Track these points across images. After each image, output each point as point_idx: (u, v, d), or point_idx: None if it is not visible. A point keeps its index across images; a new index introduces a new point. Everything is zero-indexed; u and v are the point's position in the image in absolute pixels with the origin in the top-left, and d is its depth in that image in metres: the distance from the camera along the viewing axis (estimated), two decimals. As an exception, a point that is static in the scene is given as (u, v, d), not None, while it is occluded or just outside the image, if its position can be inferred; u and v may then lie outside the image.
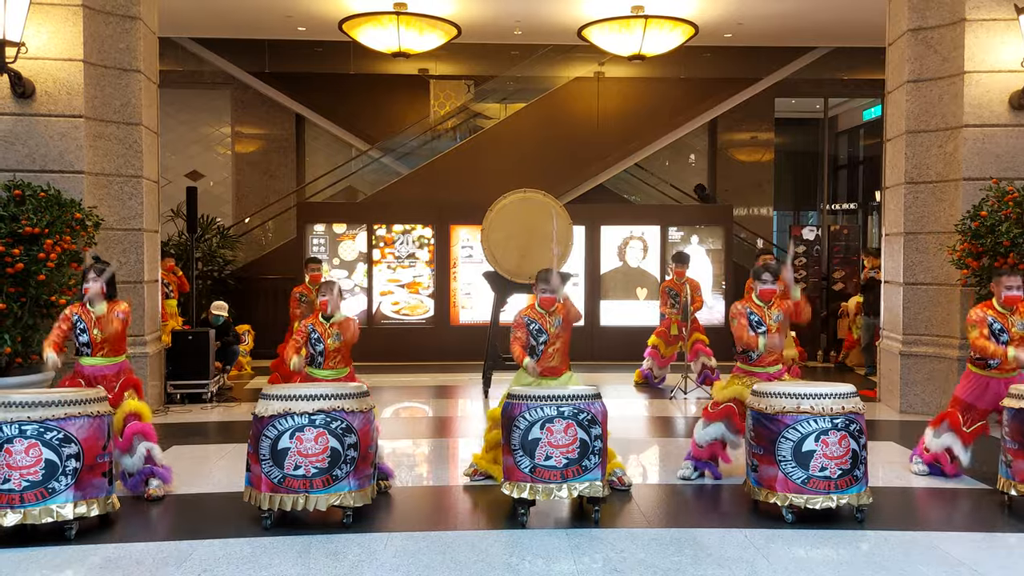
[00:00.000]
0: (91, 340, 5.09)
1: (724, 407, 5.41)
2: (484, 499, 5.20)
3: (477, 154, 13.04)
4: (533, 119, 13.36)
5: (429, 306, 12.14)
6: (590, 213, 11.89)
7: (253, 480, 4.57)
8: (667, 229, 12.00)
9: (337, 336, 5.29)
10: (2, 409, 4.31)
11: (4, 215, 6.19)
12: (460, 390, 9.73)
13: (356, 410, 4.62)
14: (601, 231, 11.99)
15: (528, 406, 4.59)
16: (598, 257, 12.00)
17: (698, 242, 12.02)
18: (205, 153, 14.37)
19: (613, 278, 12.04)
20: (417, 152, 14.37)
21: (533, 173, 12.12)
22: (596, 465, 4.57)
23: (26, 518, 4.24)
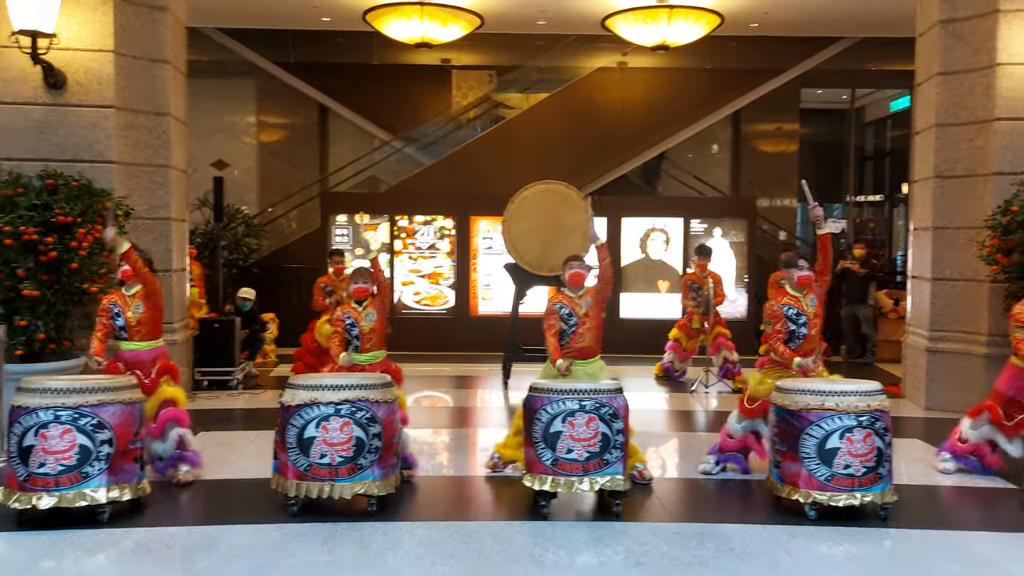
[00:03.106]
0: (127, 323, 5.22)
1: (761, 403, 5.36)
2: (506, 490, 5.26)
3: (499, 145, 13.05)
4: (555, 109, 13.34)
5: (449, 297, 12.20)
6: (612, 204, 11.86)
7: (280, 468, 4.66)
8: (689, 221, 11.95)
9: (371, 315, 5.37)
10: (38, 395, 4.43)
11: (37, 204, 6.31)
12: (480, 380, 9.77)
13: (380, 400, 4.69)
14: (623, 223, 11.97)
15: (550, 399, 4.63)
16: (619, 249, 11.97)
17: (721, 234, 11.96)
18: (230, 142, 14.49)
19: (634, 270, 12.02)
20: (439, 142, 14.40)
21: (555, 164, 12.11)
22: (618, 459, 4.61)
23: (61, 501, 4.36)
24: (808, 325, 5.25)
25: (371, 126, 14.58)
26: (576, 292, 5.34)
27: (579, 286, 5.35)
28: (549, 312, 5.34)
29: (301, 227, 14.32)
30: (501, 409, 8.26)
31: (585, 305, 5.30)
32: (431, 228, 12.18)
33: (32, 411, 4.40)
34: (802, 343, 5.26)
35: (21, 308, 6.25)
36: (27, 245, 6.21)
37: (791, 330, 5.26)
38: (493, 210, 11.15)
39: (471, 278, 12.14)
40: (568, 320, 5.28)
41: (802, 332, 5.25)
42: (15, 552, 4.13)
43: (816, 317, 5.28)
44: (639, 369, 10.14)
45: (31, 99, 7.08)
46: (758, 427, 5.46)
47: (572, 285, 5.34)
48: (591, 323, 5.30)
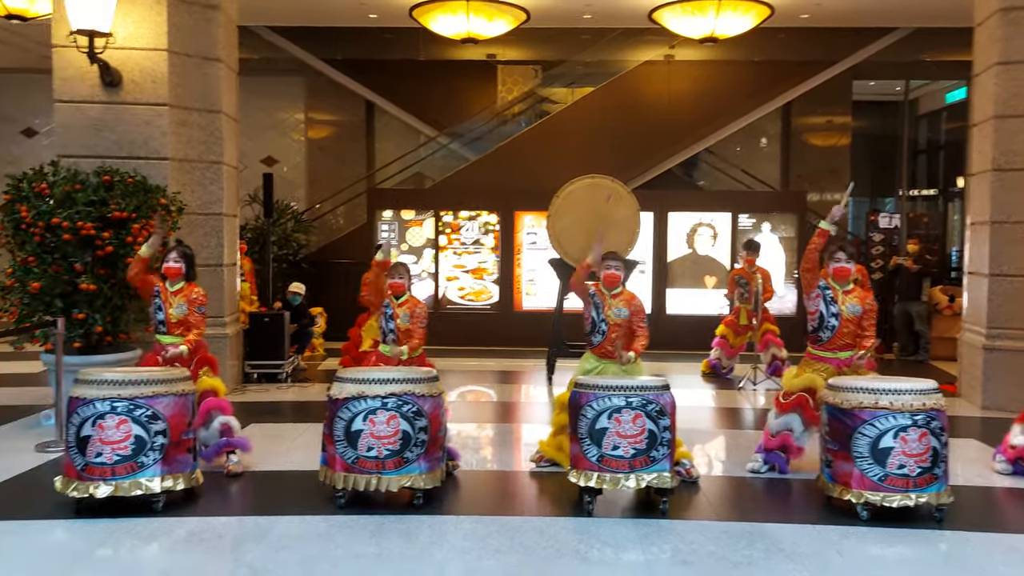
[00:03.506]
0: (166, 319, 5.31)
1: (796, 397, 5.29)
2: (550, 485, 5.25)
3: (544, 140, 13.01)
4: (601, 104, 13.24)
5: (493, 292, 12.20)
6: (658, 199, 11.76)
7: (328, 460, 4.71)
8: (738, 216, 11.81)
9: (407, 316, 5.39)
10: (95, 386, 4.54)
11: (95, 200, 6.47)
12: (524, 375, 9.77)
13: (426, 394, 4.71)
14: (669, 218, 11.86)
15: (596, 395, 4.60)
16: (665, 244, 11.87)
17: (770, 229, 11.79)
18: (280, 139, 14.70)
19: (681, 266, 11.91)
20: (484, 138, 14.40)
21: (601, 158, 12.04)
22: (664, 456, 4.56)
23: (117, 490, 4.46)
24: (840, 320, 5.12)
25: (417, 122, 14.65)
26: (610, 291, 5.28)
27: (614, 286, 5.28)
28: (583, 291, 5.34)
29: (348, 223, 14.47)
30: (545, 404, 8.24)
31: (615, 312, 5.23)
32: (475, 223, 12.20)
33: (89, 402, 4.50)
34: (832, 336, 5.12)
35: (79, 302, 6.42)
36: (84, 240, 6.37)
37: (820, 315, 5.13)
38: (538, 205, 11.14)
39: (515, 273, 12.13)
40: (596, 312, 5.22)
41: (832, 324, 5.12)
42: (73, 539, 4.25)
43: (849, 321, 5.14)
44: (685, 366, 10.06)
45: (88, 97, 7.25)
46: (793, 423, 5.36)
47: (607, 285, 5.29)
48: (620, 333, 5.24)
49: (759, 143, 14.92)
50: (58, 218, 6.30)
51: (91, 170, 6.83)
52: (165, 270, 5.37)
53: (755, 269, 8.99)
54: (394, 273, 5.49)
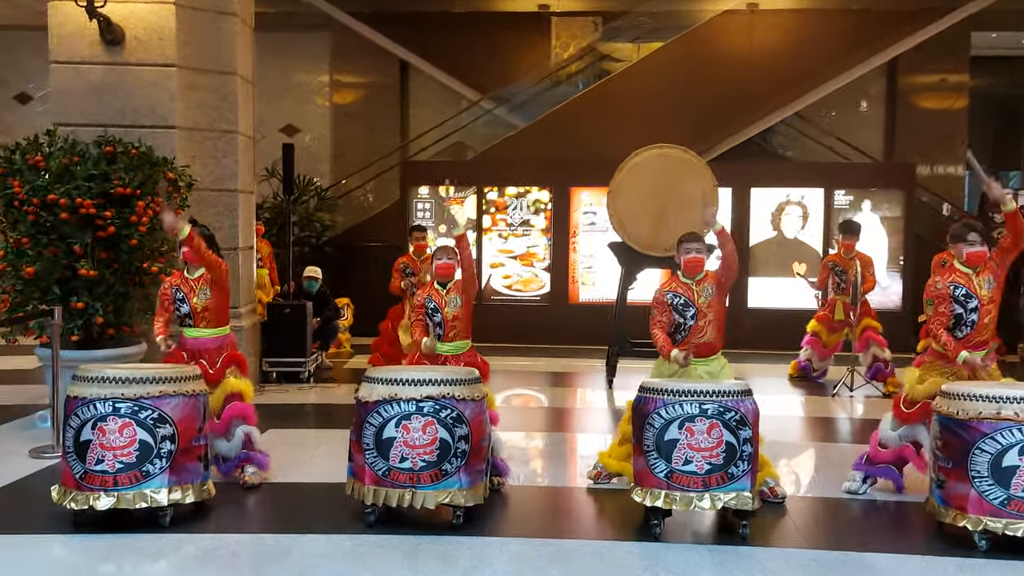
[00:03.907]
0: (192, 309, 5.40)
1: (922, 405, 5.14)
2: (610, 505, 5.22)
3: (605, 103, 12.90)
4: (671, 61, 13.07)
5: (545, 281, 12.18)
6: (738, 173, 11.63)
7: (356, 471, 4.74)
8: (832, 192, 11.65)
9: (455, 300, 5.40)
10: (96, 384, 4.63)
11: (95, 174, 6.60)
12: (580, 378, 9.73)
13: (467, 398, 4.71)
14: (751, 194, 11.73)
15: (664, 402, 4.56)
16: (747, 225, 11.74)
17: (871, 208, 11.63)
18: (301, 105, 14.85)
19: (765, 251, 11.78)
20: (535, 102, 14.35)
21: (671, 125, 11.89)
22: (744, 473, 4.51)
23: (119, 502, 4.55)
24: (980, 311, 4.97)
25: (457, 84, 14.66)
26: (694, 278, 5.21)
27: (697, 272, 5.22)
28: (658, 302, 5.26)
29: (379, 200, 14.56)
30: (604, 412, 8.21)
31: (706, 294, 5.19)
32: (524, 201, 12.18)
33: (89, 402, 4.60)
34: (971, 332, 4.98)
35: (78, 289, 6.57)
36: (84, 219, 6.51)
37: (958, 315, 5.00)
38: (597, 179, 11.08)
39: (570, 259, 12.09)
40: (685, 312, 5.17)
41: (971, 319, 4.99)
42: (72, 555, 4.35)
43: (991, 303, 4.99)
44: (770, 368, 9.95)
45: (88, 58, 7.41)
46: (918, 435, 5.23)
47: (689, 271, 5.22)
48: (713, 315, 5.19)
49: (858, 106, 14.62)
50: (55, 194, 6.45)
51: (91, 140, 6.97)
52: (184, 256, 5.45)
53: (853, 255, 8.82)
54: (441, 255, 5.51)
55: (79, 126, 7.30)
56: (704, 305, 5.18)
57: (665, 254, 8.55)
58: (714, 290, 5.20)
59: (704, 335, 5.19)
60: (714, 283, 5.21)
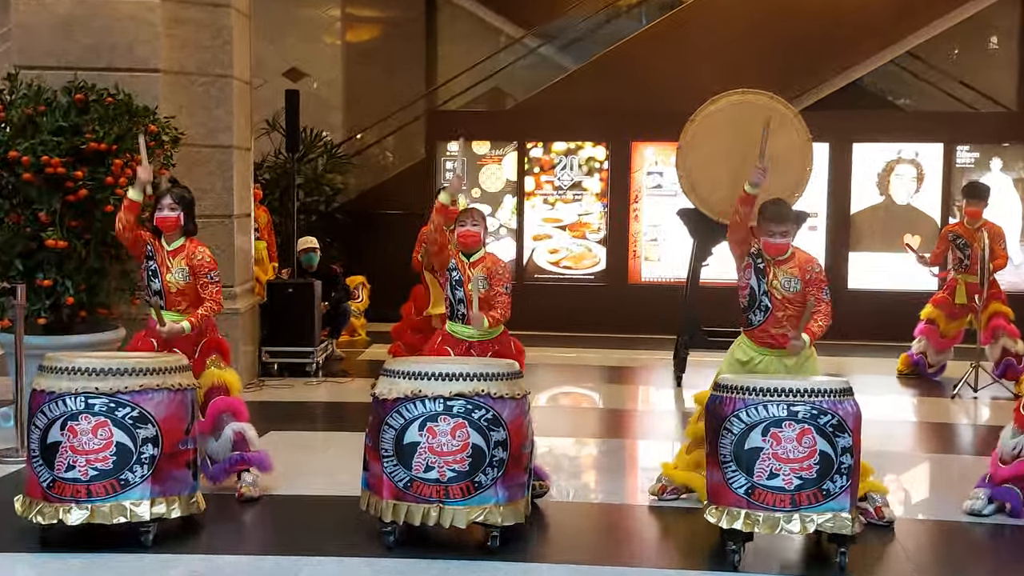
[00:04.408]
0: (164, 288, 5.42)
1: None
2: (678, 526, 5.21)
3: (673, 40, 12.77)
4: (755, -11, 12.91)
5: (600, 256, 12.15)
6: (838, 125, 11.51)
7: (372, 482, 4.76)
8: (954, 148, 11.53)
9: (483, 279, 5.37)
10: (65, 377, 4.68)
11: (64, 126, 6.66)
12: (642, 374, 9.71)
13: (506, 396, 4.71)
14: (853, 151, 11.62)
15: (746, 402, 4.52)
16: (847, 189, 11.64)
17: (1001, 168, 11.52)
18: (307, 45, 14.87)
19: (870, 220, 11.72)
20: (588, 39, 14.28)
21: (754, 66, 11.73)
22: (843, 489, 4.47)
23: (94, 516, 4.59)
24: None
25: (495, 18, 14.61)
26: (774, 257, 5.16)
27: (781, 253, 5.15)
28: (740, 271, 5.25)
29: (401, 159, 14.57)
30: (671, 414, 8.19)
31: (788, 285, 5.10)
32: (575, 159, 12.13)
33: (58, 397, 4.64)
34: None
35: (44, 263, 6.65)
36: (52, 180, 6.58)
37: None
38: (664, 132, 10.97)
39: (631, 230, 12.04)
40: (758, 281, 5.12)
41: None
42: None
43: None
44: (874, 363, 9.91)
45: (55, -13, 7.46)
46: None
47: (771, 253, 5.15)
48: (794, 311, 5.12)
49: (986, 44, 14.34)
50: (17, 151, 6.51)
51: (59, 86, 7.03)
52: (158, 221, 5.47)
53: (980, 224, 8.69)
54: (465, 219, 5.47)
55: (45, 69, 7.35)
56: (780, 298, 5.10)
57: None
58: (800, 281, 5.10)
59: (783, 327, 5.12)
60: (799, 272, 5.11)
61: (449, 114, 13.15)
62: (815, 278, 5.15)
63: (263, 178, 11.93)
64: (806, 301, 5.10)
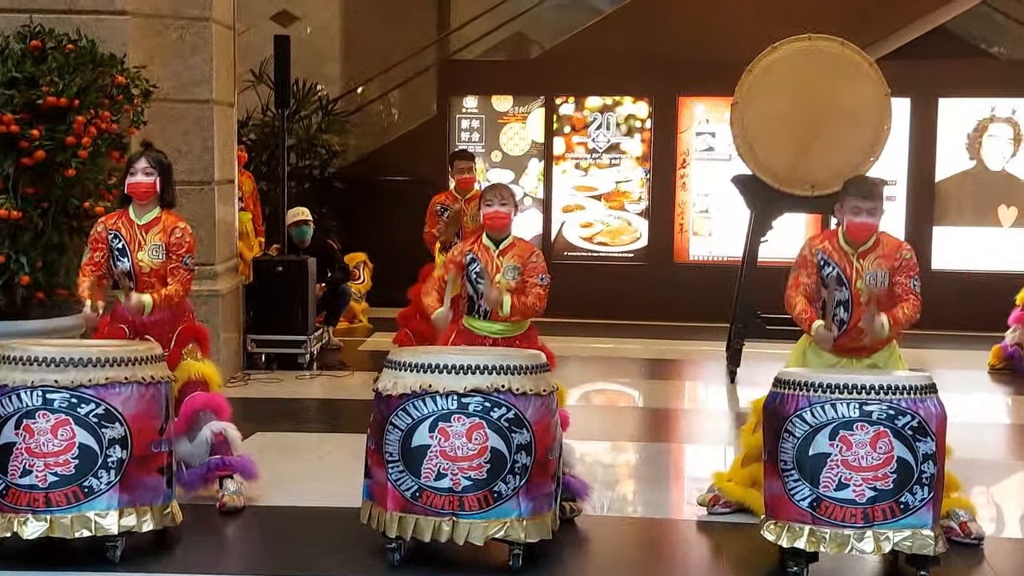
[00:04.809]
0: (135, 268, 5.44)
1: None
2: (730, 543, 5.21)
3: (728, -24, 12.72)
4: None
5: (641, 231, 12.15)
6: (919, 76, 11.49)
7: (375, 492, 4.77)
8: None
9: (515, 271, 5.36)
10: (20, 368, 4.69)
11: (18, 77, 6.67)
12: (690, 368, 9.72)
13: (531, 392, 4.71)
14: (939, 107, 11.61)
15: (810, 400, 4.52)
16: (932, 152, 11.62)
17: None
18: (299, -17, 14.88)
19: (957, 188, 11.72)
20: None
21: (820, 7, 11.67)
22: (924, 502, 4.47)
23: (53, 528, 4.61)
24: None
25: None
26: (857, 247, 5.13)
27: (867, 238, 5.12)
28: (803, 259, 5.20)
29: (408, 117, 14.57)
30: (724, 415, 8.21)
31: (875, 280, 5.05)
32: (613, 117, 12.11)
33: (11, 392, 4.65)
34: None
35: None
36: (4, 140, 6.60)
37: None
38: (716, 86, 10.98)
39: (677, 200, 12.04)
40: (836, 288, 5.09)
41: None
42: (-10, 599, 4.47)
43: None
44: (962, 356, 9.91)
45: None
46: None
47: (855, 238, 5.12)
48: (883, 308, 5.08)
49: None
50: (-37, 107, 6.54)
51: (12, 31, 7.05)
52: (130, 188, 5.48)
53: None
54: (492, 198, 5.45)
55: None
56: (864, 294, 5.05)
57: (813, 193, 8.45)
58: (885, 278, 5.06)
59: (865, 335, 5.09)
60: (887, 260, 5.09)
61: (464, 64, 13.13)
62: (905, 264, 5.12)
63: (248, 138, 11.96)
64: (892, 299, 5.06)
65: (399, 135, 13.95)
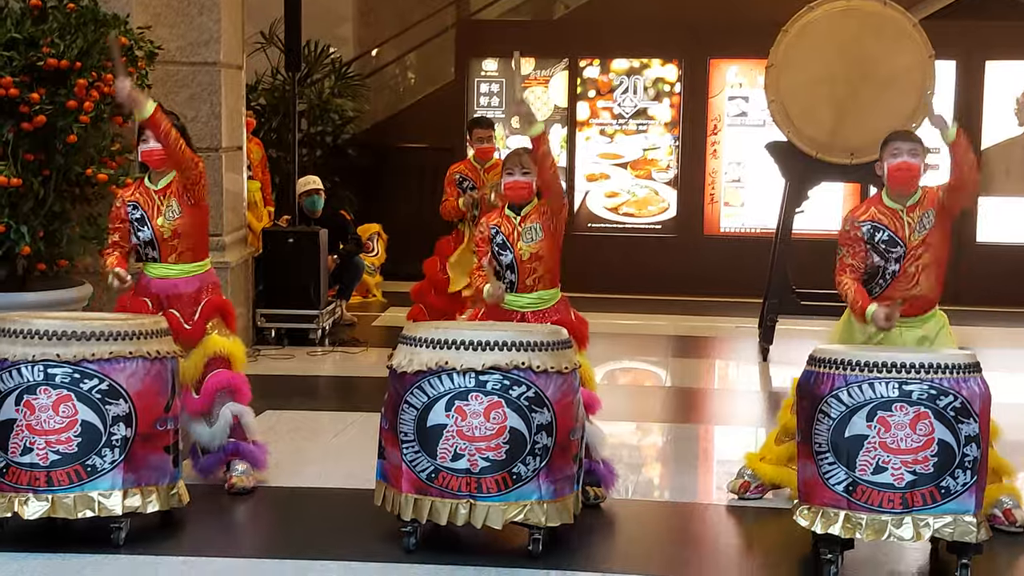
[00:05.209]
0: (155, 235, 5.47)
1: None
2: (763, 530, 5.24)
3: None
4: None
5: (669, 201, 12.12)
6: (966, 38, 11.44)
7: (389, 473, 4.80)
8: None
9: (535, 231, 5.37)
10: (20, 341, 4.72)
11: (17, 38, 6.67)
12: (719, 345, 9.70)
13: (552, 370, 4.71)
14: (986, 70, 11.54)
15: (847, 379, 4.50)
16: (979, 117, 11.55)
17: None
18: (311, -62, 14.86)
19: (1005, 156, 11.69)
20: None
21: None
22: (966, 487, 4.45)
23: (55, 508, 4.65)
24: None
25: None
26: (904, 200, 5.10)
27: (910, 189, 5.11)
28: (848, 237, 5.18)
29: (425, 80, 14.55)
30: (756, 395, 8.20)
31: (921, 225, 5.08)
32: (640, 80, 12.05)
33: (12, 366, 4.68)
34: None
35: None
36: (3, 104, 6.61)
37: None
38: (749, 47, 10.97)
39: (708, 168, 11.99)
40: (888, 251, 5.09)
41: None
42: (-10, 583, 4.51)
43: None
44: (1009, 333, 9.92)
45: None
46: None
47: (897, 187, 5.10)
48: (931, 256, 5.09)
49: None
50: (-40, 69, 6.57)
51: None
52: (143, 156, 5.51)
53: None
54: (512, 167, 5.45)
55: (-7, -30, 7.40)
56: (918, 241, 5.07)
57: (852, 160, 8.42)
58: (934, 218, 5.08)
59: (915, 285, 5.10)
60: (933, 205, 5.09)
61: (484, 25, 13.09)
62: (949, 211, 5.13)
63: (258, 104, 11.96)
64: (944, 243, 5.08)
65: (415, 100, 13.94)
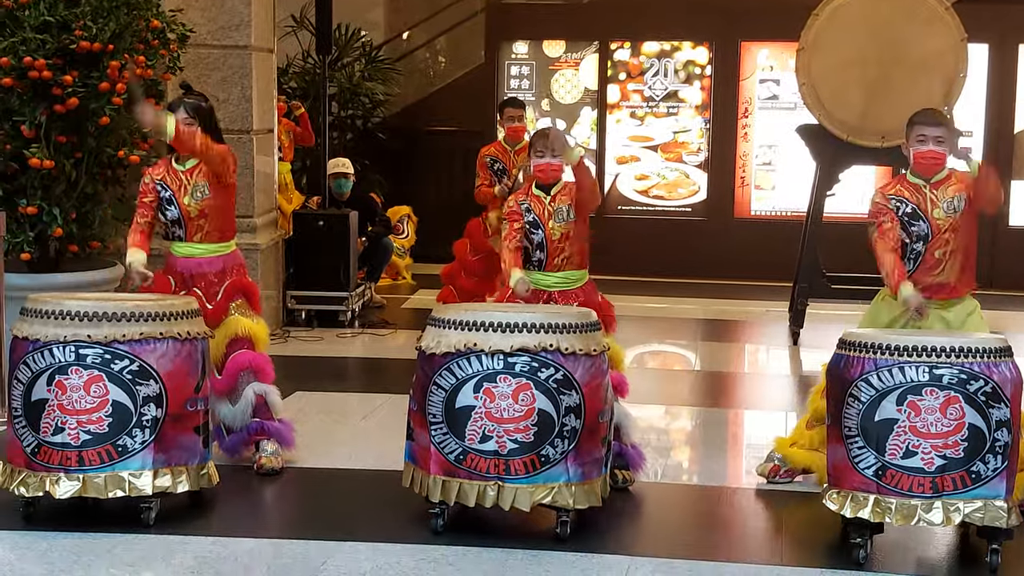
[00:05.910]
0: (182, 214, 5.50)
1: None
2: (792, 514, 5.21)
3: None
4: None
5: (700, 184, 12.07)
6: (999, 21, 11.35)
7: (417, 454, 4.80)
8: None
9: (566, 212, 5.35)
10: (52, 322, 4.75)
11: (50, 21, 6.69)
12: (749, 329, 9.66)
13: (580, 352, 4.70)
14: (1019, 54, 11.49)
15: (876, 363, 4.48)
16: (1012, 101, 11.49)
17: None
18: (342, -80, 14.83)
19: None
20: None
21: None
22: (997, 472, 4.43)
23: (86, 488, 4.68)
24: None
25: None
26: (929, 180, 5.09)
27: (935, 170, 5.08)
28: (879, 207, 5.15)
29: (455, 64, 14.52)
30: (786, 379, 8.17)
31: (947, 206, 5.04)
32: (671, 63, 12.01)
33: (44, 347, 4.71)
34: None
35: (28, 187, 6.74)
36: (36, 87, 6.65)
37: None
38: (781, 31, 10.85)
39: (738, 151, 11.95)
40: (910, 223, 5.05)
41: None
42: (22, 563, 4.50)
43: None
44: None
45: None
46: None
47: (923, 168, 5.08)
48: (961, 241, 5.06)
49: None
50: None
51: (44, -27, 7.08)
52: (171, 141, 5.51)
53: None
54: (542, 148, 5.42)
55: (27, -47, 7.42)
56: (944, 223, 5.03)
57: (883, 143, 8.35)
58: (964, 198, 5.04)
59: (941, 272, 5.07)
60: (964, 190, 5.07)
61: (514, 8, 13.03)
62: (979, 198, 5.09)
63: (288, 87, 11.97)
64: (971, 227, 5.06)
65: (445, 83, 13.92)
